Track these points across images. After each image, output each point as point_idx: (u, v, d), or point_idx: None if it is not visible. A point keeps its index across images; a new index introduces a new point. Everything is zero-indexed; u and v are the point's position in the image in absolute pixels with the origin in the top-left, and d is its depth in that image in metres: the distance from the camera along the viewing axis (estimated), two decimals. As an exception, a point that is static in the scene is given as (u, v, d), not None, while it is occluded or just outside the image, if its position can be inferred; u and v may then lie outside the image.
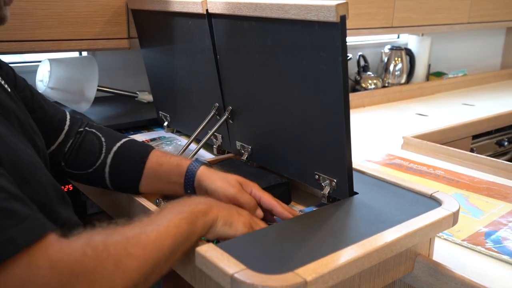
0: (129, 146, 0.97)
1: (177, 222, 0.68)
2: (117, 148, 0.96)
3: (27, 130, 0.82)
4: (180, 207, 0.71)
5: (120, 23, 1.39)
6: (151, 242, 0.63)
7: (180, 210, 0.70)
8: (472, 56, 2.90)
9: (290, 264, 0.65)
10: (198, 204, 0.73)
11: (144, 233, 0.64)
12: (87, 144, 0.96)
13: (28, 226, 0.56)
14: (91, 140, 0.97)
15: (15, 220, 0.55)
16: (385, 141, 1.59)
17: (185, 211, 0.70)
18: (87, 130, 0.98)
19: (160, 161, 0.93)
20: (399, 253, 0.79)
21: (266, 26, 0.91)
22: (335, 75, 0.81)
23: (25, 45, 1.26)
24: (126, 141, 0.98)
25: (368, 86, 2.24)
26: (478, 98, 2.30)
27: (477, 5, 2.29)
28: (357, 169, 0.98)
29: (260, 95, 1.01)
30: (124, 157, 0.95)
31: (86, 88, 1.45)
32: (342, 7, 0.75)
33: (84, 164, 0.95)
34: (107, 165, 0.94)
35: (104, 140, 0.97)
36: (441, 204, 0.85)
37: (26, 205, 0.59)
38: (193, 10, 1.07)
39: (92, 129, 0.99)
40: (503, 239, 0.93)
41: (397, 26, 2.00)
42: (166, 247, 0.65)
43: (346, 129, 0.84)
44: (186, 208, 0.71)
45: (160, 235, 0.65)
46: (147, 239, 0.63)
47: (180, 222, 0.68)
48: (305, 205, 1.01)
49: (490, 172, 1.29)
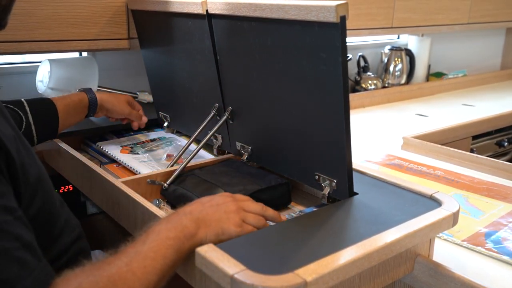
0: (35, 102, 1.12)
1: (163, 253, 0.67)
2: (28, 107, 1.09)
3: None
4: (167, 232, 0.69)
5: (120, 23, 1.39)
6: (137, 280, 0.64)
7: (166, 235, 0.69)
8: (472, 56, 2.89)
9: (290, 264, 0.65)
10: (186, 225, 0.71)
11: (130, 271, 0.64)
12: None
13: (38, 277, 0.60)
14: None
15: (28, 271, 0.59)
16: (385, 142, 1.59)
17: (172, 237, 0.69)
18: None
19: (65, 105, 1.17)
20: (399, 254, 0.79)
21: (266, 26, 0.91)
22: (335, 76, 0.81)
23: (25, 45, 1.26)
24: (28, 99, 1.11)
25: (368, 86, 2.24)
26: (478, 99, 2.30)
27: (477, 5, 2.28)
28: (357, 169, 0.98)
29: (260, 96, 1.01)
30: (40, 113, 1.11)
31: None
32: (342, 7, 0.75)
33: None
34: (32, 124, 1.08)
35: (12, 106, 1.06)
36: (441, 204, 0.85)
37: (35, 255, 0.63)
38: (193, 10, 1.07)
39: None
40: (503, 240, 0.93)
41: (397, 27, 2.00)
42: (153, 282, 0.65)
43: (346, 130, 0.84)
44: (173, 233, 0.69)
45: (147, 270, 0.65)
46: (134, 277, 0.63)
47: (166, 252, 0.67)
48: (305, 205, 1.01)
49: (490, 173, 1.29)
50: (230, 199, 0.79)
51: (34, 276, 0.60)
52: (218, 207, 0.76)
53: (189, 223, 0.71)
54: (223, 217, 0.75)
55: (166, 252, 0.67)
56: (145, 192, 1.01)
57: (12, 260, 0.58)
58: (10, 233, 0.60)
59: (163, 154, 1.27)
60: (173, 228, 0.70)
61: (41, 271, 0.61)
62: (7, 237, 0.59)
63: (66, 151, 1.17)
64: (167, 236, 0.68)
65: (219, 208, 0.76)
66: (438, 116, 1.95)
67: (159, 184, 1.02)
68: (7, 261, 0.58)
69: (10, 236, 0.60)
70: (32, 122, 1.08)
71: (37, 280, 0.60)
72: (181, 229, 0.70)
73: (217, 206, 0.77)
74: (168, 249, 0.67)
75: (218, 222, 0.74)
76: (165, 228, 0.70)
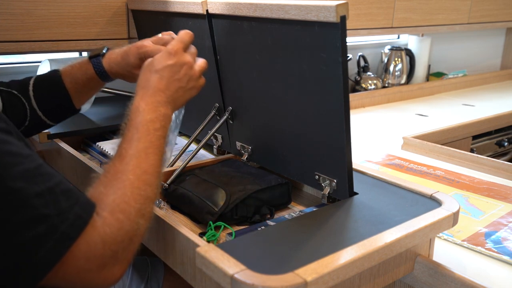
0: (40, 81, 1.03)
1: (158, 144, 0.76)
2: (32, 91, 1.01)
3: None
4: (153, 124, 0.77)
5: (120, 23, 1.39)
6: (152, 176, 0.73)
7: (154, 127, 0.77)
8: (472, 56, 2.90)
9: (290, 264, 0.65)
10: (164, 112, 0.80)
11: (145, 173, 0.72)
12: (8, 104, 0.98)
13: (85, 201, 0.66)
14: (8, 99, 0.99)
15: (74, 199, 0.64)
16: (385, 142, 1.59)
17: (158, 127, 0.77)
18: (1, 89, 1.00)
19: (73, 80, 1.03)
20: (399, 254, 0.79)
21: (266, 26, 0.91)
22: (335, 76, 0.81)
23: (25, 45, 1.26)
24: (34, 79, 1.03)
25: (368, 86, 2.24)
26: (478, 99, 2.30)
27: (477, 5, 2.29)
28: (357, 169, 0.98)
29: (260, 96, 1.01)
30: (45, 94, 1.02)
31: (86, 88, 1.44)
32: (342, 7, 0.75)
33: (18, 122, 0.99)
34: (37, 110, 1.01)
35: (16, 92, 1.00)
36: (441, 204, 0.85)
37: (70, 183, 0.67)
38: (193, 10, 1.07)
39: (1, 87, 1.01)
40: (503, 240, 0.93)
41: (397, 27, 2.00)
42: (160, 173, 0.76)
43: (346, 130, 0.84)
44: (158, 124, 0.78)
45: (155, 164, 0.74)
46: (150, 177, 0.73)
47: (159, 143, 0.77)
48: (305, 205, 1.01)
49: (490, 173, 1.29)
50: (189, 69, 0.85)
51: (81, 202, 0.65)
52: (179, 82, 0.84)
53: (165, 110, 0.80)
54: (187, 89, 0.85)
55: (159, 143, 0.77)
56: (145, 192, 1.01)
57: (58, 195, 0.63)
58: (48, 173, 0.64)
59: (163, 154, 1.27)
60: (156, 119, 0.78)
61: (83, 196, 0.66)
62: (48, 178, 0.63)
63: (66, 151, 1.17)
64: (155, 128, 0.77)
65: (181, 83, 0.84)
66: (438, 116, 1.95)
67: None
68: (55, 197, 0.62)
69: (50, 176, 0.64)
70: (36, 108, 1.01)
71: (84, 205, 0.65)
72: (161, 118, 0.79)
73: (178, 81, 0.84)
74: (160, 139, 0.77)
75: (183, 95, 0.85)
76: (150, 121, 0.77)
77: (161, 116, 0.79)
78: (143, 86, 0.82)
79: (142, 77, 0.83)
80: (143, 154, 0.73)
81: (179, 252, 0.81)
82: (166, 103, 0.81)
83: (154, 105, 0.79)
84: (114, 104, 1.60)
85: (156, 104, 0.79)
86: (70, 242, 0.61)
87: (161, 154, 0.77)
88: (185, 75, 0.84)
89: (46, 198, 0.61)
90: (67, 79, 1.02)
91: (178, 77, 0.83)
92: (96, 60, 1.01)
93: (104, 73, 1.01)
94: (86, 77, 1.02)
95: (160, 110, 0.79)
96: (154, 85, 0.81)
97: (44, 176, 0.63)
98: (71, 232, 0.62)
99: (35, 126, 1.03)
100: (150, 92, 0.80)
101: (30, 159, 0.63)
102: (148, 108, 0.78)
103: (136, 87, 0.83)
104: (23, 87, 1.02)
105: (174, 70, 0.83)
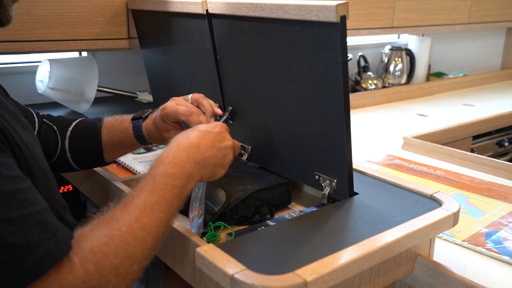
0: (81, 126, 1.01)
1: (170, 202, 0.68)
2: (70, 132, 1.00)
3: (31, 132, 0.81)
4: (172, 180, 0.70)
5: (120, 23, 1.39)
6: (148, 235, 0.64)
7: (172, 183, 0.69)
8: (472, 56, 2.89)
9: (290, 264, 0.65)
10: (189, 171, 0.72)
11: (141, 228, 0.64)
12: (43, 136, 0.98)
13: (60, 238, 0.59)
14: (46, 131, 0.99)
15: (49, 234, 0.58)
16: (386, 142, 1.59)
17: (177, 185, 0.70)
18: (44, 121, 1.00)
19: (110, 134, 0.99)
20: (399, 254, 0.78)
21: (266, 26, 0.91)
22: (335, 76, 0.81)
23: (25, 45, 1.26)
24: (77, 122, 1.01)
25: (368, 86, 2.24)
26: (478, 99, 2.30)
27: (477, 5, 2.28)
28: (357, 169, 0.98)
29: (260, 96, 1.01)
30: (80, 139, 0.99)
31: (86, 88, 1.45)
32: (342, 7, 0.75)
33: (47, 155, 0.96)
34: (67, 151, 0.99)
35: (56, 128, 1.00)
36: (441, 204, 0.85)
37: (53, 216, 0.61)
38: (193, 10, 1.07)
39: (45, 119, 1.01)
40: (503, 240, 0.93)
41: (397, 27, 2.00)
42: (161, 233, 0.67)
43: (346, 130, 0.84)
44: (178, 181, 0.70)
45: (156, 224, 0.66)
46: (145, 233, 0.64)
47: (172, 201, 0.69)
48: (305, 205, 1.01)
49: (491, 173, 1.29)
50: (230, 148, 0.81)
51: (56, 239, 0.58)
52: (218, 152, 0.78)
53: (191, 169, 0.73)
54: (219, 164, 0.79)
55: (172, 201, 0.69)
56: (145, 192, 1.01)
57: (31, 225, 0.57)
58: (27, 200, 0.58)
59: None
60: (178, 175, 0.70)
61: (63, 232, 0.60)
62: (24, 205, 0.58)
63: (66, 151, 1.17)
64: (173, 184, 0.69)
65: (219, 153, 0.78)
66: (439, 116, 1.95)
67: None
68: (27, 227, 0.56)
69: (28, 203, 0.58)
70: (67, 149, 0.99)
71: (59, 242, 0.58)
72: (185, 176, 0.71)
73: (217, 151, 0.78)
74: (173, 198, 0.69)
75: (214, 167, 0.78)
76: (171, 175, 0.70)
77: (185, 174, 0.71)
78: (179, 139, 0.76)
79: (183, 133, 0.78)
80: (149, 209, 0.66)
81: (179, 252, 0.80)
82: (196, 163, 0.74)
83: (183, 160, 0.72)
84: (114, 104, 1.60)
85: (186, 160, 0.73)
86: (31, 279, 0.55)
87: (170, 214, 0.68)
88: (225, 149, 0.79)
89: (16, 226, 0.55)
90: (105, 131, 0.99)
91: (219, 147, 0.78)
92: (136, 123, 0.97)
93: (142, 137, 0.97)
94: (124, 136, 0.99)
95: (186, 167, 0.72)
96: (192, 140, 0.76)
97: (20, 202, 0.57)
98: (37, 268, 0.56)
99: (62, 166, 1.01)
100: (184, 146, 0.74)
101: (10, 181, 0.58)
102: (175, 161, 0.72)
103: (173, 139, 0.77)
104: (64, 124, 1.01)
105: (217, 139, 0.78)
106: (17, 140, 0.67)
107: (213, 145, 0.78)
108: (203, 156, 0.75)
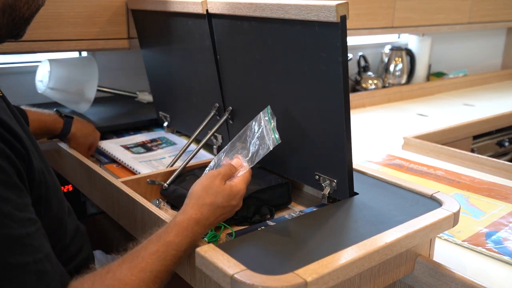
0: None
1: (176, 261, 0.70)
2: None
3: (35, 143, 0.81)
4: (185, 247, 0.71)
5: (120, 23, 1.39)
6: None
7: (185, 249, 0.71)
8: (473, 56, 2.89)
9: (290, 264, 0.65)
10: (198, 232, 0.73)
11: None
12: None
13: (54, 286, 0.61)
14: None
15: (45, 283, 0.60)
16: (386, 142, 1.59)
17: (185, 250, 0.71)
18: None
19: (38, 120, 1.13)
20: (399, 254, 0.78)
21: (266, 26, 0.91)
22: (335, 76, 0.81)
23: (25, 45, 1.26)
24: None
25: (369, 86, 2.24)
26: (478, 99, 2.30)
27: (477, 5, 2.28)
28: (357, 169, 0.98)
29: (260, 95, 1.00)
30: None
31: (86, 88, 1.45)
32: (342, 7, 0.75)
33: None
34: None
35: None
36: (442, 204, 0.84)
37: (53, 264, 0.63)
38: (193, 10, 1.07)
39: None
40: (503, 240, 0.93)
41: (398, 26, 2.00)
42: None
43: (347, 130, 0.84)
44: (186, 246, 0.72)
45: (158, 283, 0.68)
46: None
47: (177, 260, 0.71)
48: (305, 205, 1.01)
49: (491, 173, 1.29)
50: (234, 206, 0.80)
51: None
52: (222, 215, 0.78)
53: (201, 231, 0.74)
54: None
55: (177, 260, 0.71)
56: (145, 192, 1.01)
57: (30, 273, 0.59)
58: (32, 245, 0.60)
59: (163, 154, 1.27)
60: (187, 240, 0.72)
61: (58, 281, 0.62)
62: (28, 251, 0.59)
63: (66, 151, 1.17)
64: (184, 249, 0.71)
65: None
66: (439, 116, 1.95)
67: (159, 184, 1.02)
68: (26, 275, 0.58)
69: (31, 249, 0.60)
70: None
71: None
72: (194, 238, 0.73)
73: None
74: (181, 257, 0.72)
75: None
76: (180, 243, 0.71)
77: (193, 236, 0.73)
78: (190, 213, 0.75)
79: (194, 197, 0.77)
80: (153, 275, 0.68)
81: (179, 252, 0.80)
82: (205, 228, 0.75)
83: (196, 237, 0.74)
84: (114, 104, 1.60)
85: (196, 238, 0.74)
86: None
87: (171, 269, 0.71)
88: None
89: (14, 273, 0.57)
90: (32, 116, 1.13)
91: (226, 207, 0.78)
92: None
93: None
94: None
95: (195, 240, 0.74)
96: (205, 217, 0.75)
97: (26, 248, 0.59)
98: None
99: None
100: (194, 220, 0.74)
101: (20, 224, 0.59)
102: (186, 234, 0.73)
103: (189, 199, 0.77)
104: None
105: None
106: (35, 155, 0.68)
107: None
108: (210, 220, 0.76)
